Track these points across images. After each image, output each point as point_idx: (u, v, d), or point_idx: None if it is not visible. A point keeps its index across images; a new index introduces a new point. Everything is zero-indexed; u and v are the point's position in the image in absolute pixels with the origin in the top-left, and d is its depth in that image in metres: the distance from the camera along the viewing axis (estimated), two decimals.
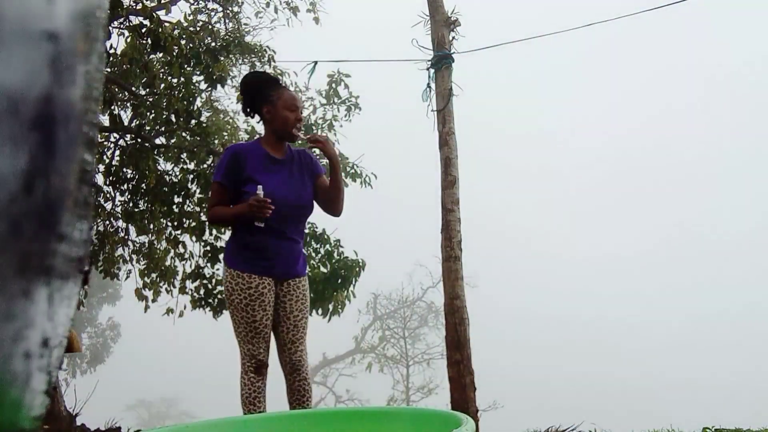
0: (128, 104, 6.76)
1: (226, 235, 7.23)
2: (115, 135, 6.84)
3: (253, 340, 2.69)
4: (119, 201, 6.97)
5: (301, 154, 2.91)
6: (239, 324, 2.70)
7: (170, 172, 7.01)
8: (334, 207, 2.93)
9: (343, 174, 2.91)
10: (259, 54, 6.85)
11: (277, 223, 2.71)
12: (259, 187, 2.64)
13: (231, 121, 7.49)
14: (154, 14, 5.84)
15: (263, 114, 2.82)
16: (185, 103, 6.38)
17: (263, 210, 2.60)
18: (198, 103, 6.86)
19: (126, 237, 7.15)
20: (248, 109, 2.93)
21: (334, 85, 7.35)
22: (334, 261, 6.91)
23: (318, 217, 7.03)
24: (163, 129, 6.83)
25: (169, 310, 7.05)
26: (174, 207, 6.83)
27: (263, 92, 2.82)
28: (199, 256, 7.14)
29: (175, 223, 6.95)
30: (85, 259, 0.40)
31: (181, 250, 7.16)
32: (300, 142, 3.12)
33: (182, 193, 6.85)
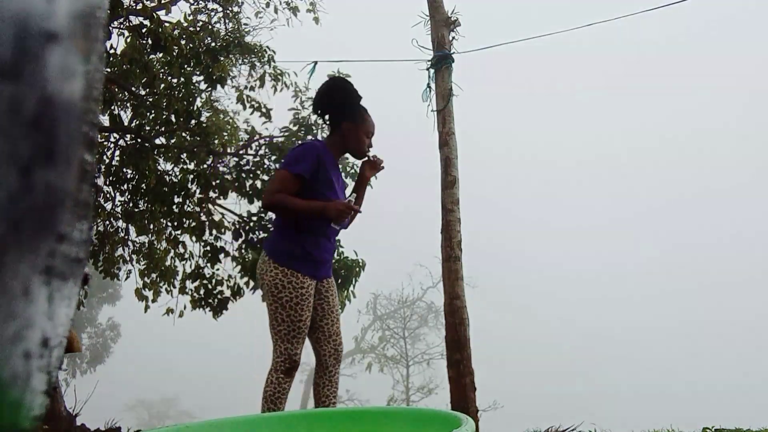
0: (128, 104, 6.75)
1: (227, 236, 7.25)
2: (115, 135, 6.84)
3: (294, 340, 2.70)
4: (119, 201, 6.97)
5: None
6: (282, 322, 2.70)
7: (170, 172, 7.00)
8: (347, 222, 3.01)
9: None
10: (259, 54, 6.85)
11: (335, 229, 2.84)
12: (354, 195, 2.83)
13: (231, 121, 7.49)
14: (154, 14, 5.83)
15: (342, 127, 2.90)
16: (185, 103, 6.38)
17: (348, 216, 2.72)
18: (198, 103, 6.86)
19: (126, 237, 7.15)
20: (323, 112, 2.98)
21: None
22: (334, 261, 6.91)
23: None
24: (163, 129, 6.83)
25: (169, 310, 7.04)
26: (174, 207, 6.83)
27: (351, 107, 2.93)
28: (199, 256, 7.14)
29: (175, 223, 6.95)
30: (85, 259, 0.40)
31: (181, 250, 7.16)
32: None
33: (182, 193, 6.85)
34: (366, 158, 2.99)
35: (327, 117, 2.97)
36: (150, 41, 5.76)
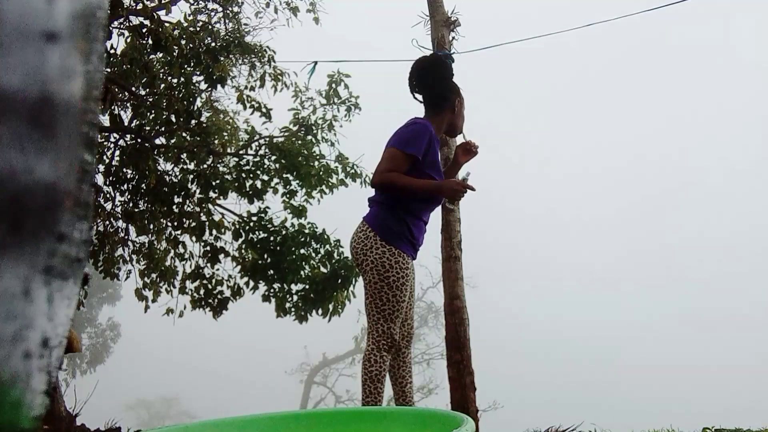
0: (128, 104, 6.75)
1: (227, 236, 7.25)
2: (115, 135, 6.84)
3: (396, 320, 2.68)
4: (119, 201, 6.97)
5: None
6: (387, 302, 2.65)
7: (170, 172, 7.00)
8: None
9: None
10: (259, 54, 6.85)
11: (428, 211, 2.83)
12: (470, 173, 2.74)
13: (231, 121, 7.49)
14: (154, 14, 5.83)
15: (454, 103, 2.85)
16: (185, 103, 6.38)
17: (463, 195, 2.69)
18: (198, 103, 6.86)
19: (126, 237, 7.15)
20: (426, 89, 2.88)
21: (334, 85, 7.34)
22: (334, 261, 6.91)
23: (318, 217, 7.05)
24: (163, 129, 6.83)
25: (169, 310, 7.04)
26: (174, 207, 6.83)
27: (455, 85, 2.91)
28: (199, 256, 7.14)
29: (175, 223, 6.95)
30: (85, 259, 0.40)
31: (181, 250, 7.16)
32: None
33: (182, 193, 6.85)
34: (462, 142, 2.99)
35: (426, 96, 2.88)
36: (150, 41, 5.76)
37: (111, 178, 6.80)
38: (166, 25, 6.09)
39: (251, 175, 7.17)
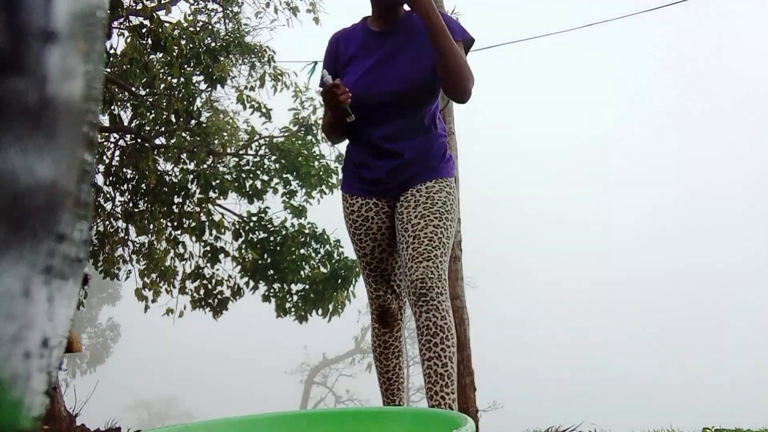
0: (128, 104, 6.76)
1: (227, 236, 7.26)
2: (115, 135, 6.84)
3: (368, 278, 2.16)
4: (119, 201, 6.97)
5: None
6: (357, 259, 2.19)
7: (170, 172, 7.01)
8: (450, 86, 2.03)
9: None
10: (259, 54, 6.86)
11: (370, 124, 2.03)
12: (324, 71, 2.02)
13: (231, 121, 7.49)
14: (154, 14, 5.83)
15: None
16: (185, 103, 6.38)
17: (334, 99, 1.91)
18: (198, 103, 6.86)
19: (126, 237, 7.15)
20: None
21: None
22: (334, 261, 6.91)
23: (318, 217, 7.05)
24: (163, 129, 6.83)
25: (169, 310, 7.05)
26: (174, 207, 6.84)
27: None
28: (199, 257, 7.14)
29: (175, 224, 6.95)
30: (85, 259, 0.40)
31: (181, 250, 7.16)
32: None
33: (182, 193, 6.85)
34: None
35: None
36: (150, 41, 5.76)
37: (111, 178, 6.80)
38: (166, 25, 6.09)
39: (251, 175, 7.18)
